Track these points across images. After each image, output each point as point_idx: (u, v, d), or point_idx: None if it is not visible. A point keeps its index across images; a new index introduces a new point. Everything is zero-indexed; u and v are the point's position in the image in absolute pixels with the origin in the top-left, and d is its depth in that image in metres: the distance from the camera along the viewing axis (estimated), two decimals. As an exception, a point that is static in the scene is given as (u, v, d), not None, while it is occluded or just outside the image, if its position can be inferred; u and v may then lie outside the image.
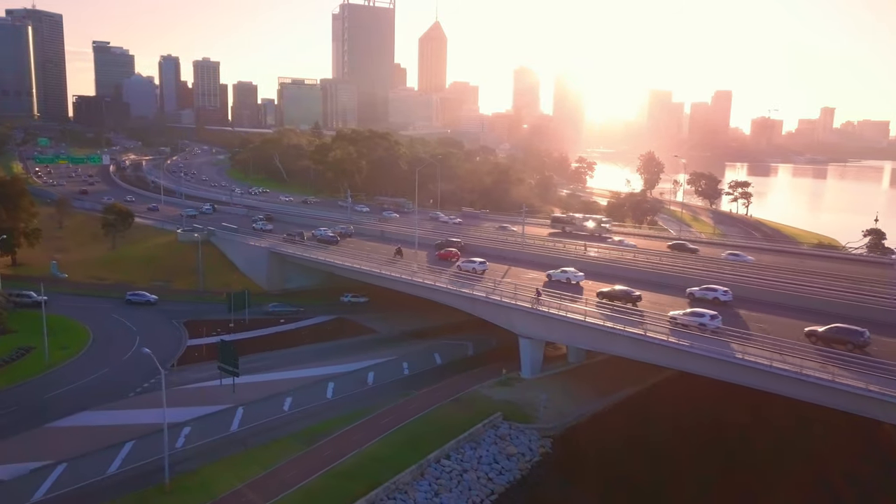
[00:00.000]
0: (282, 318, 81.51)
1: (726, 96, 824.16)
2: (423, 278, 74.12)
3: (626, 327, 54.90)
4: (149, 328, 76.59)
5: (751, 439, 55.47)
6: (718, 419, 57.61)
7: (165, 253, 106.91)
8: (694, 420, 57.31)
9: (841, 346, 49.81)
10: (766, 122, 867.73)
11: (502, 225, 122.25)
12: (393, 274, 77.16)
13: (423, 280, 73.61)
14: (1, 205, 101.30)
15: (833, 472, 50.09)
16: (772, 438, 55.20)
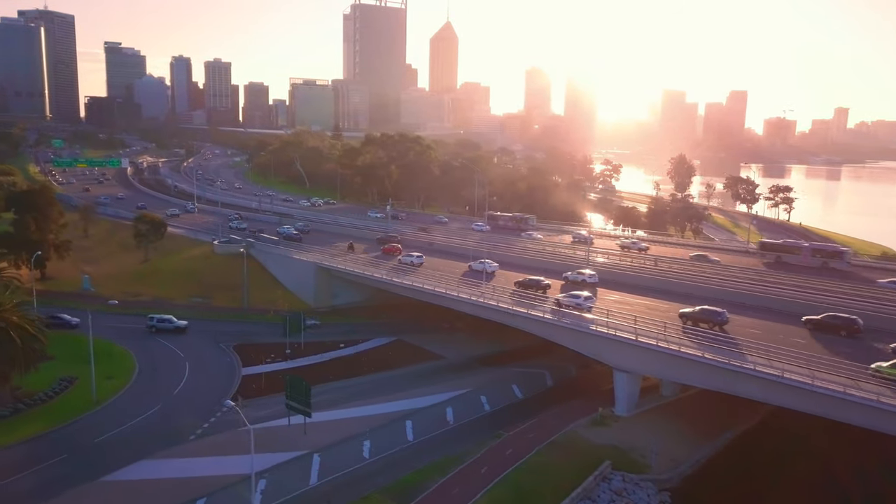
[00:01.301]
0: (341, 342, 75.13)
1: (741, 97, 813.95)
2: (498, 301, 67.56)
3: (758, 367, 48.29)
4: (197, 354, 70.44)
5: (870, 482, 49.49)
6: (829, 459, 51.65)
7: (202, 266, 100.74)
8: (807, 464, 51.40)
9: (705, 325, 58.47)
10: (781, 122, 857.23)
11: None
12: (460, 295, 70.71)
13: (496, 303, 67.15)
14: (30, 215, 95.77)
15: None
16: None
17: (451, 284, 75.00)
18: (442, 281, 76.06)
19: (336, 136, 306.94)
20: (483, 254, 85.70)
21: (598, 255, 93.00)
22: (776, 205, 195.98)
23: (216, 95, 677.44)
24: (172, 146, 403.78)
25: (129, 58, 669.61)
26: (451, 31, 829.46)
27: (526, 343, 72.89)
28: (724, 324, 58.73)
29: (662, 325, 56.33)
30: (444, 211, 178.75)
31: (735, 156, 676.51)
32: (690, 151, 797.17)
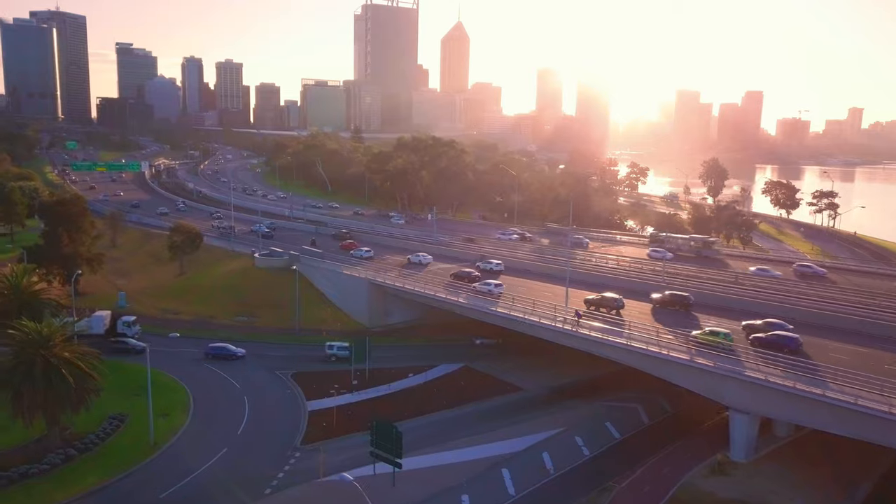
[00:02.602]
0: (409, 370, 68.90)
1: (757, 97, 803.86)
2: (590, 331, 60.82)
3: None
4: (254, 385, 64.40)
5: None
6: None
7: (243, 281, 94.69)
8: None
9: (606, 311, 66.98)
10: (797, 123, 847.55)
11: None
12: (542, 322, 64.31)
13: (588, 333, 60.59)
14: (62, 226, 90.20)
15: None
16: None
17: (526, 306, 68.77)
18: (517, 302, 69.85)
19: (356, 138, 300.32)
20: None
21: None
22: (819, 211, 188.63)
23: (227, 96, 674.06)
24: (187, 148, 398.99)
25: (141, 58, 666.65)
26: (462, 31, 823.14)
27: (606, 371, 66.74)
28: (621, 308, 67.65)
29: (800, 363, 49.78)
30: (476, 217, 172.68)
31: (751, 157, 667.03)
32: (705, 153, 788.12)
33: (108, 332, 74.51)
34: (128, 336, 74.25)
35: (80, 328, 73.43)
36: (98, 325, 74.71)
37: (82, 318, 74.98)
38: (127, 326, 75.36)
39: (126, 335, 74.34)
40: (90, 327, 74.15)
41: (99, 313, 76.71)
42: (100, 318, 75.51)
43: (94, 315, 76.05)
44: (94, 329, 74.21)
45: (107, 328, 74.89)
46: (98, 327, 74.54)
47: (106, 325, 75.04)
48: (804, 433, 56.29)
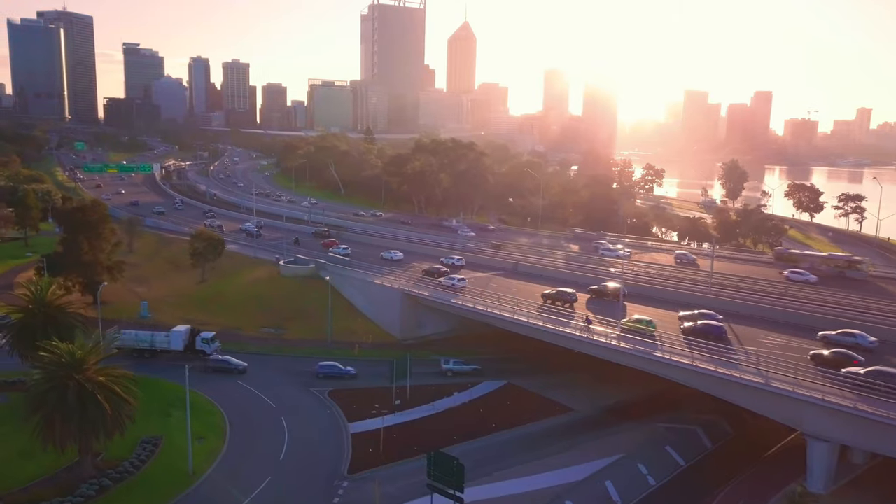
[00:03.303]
0: (452, 388, 65.50)
1: (766, 97, 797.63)
2: (668, 352, 56.27)
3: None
4: (290, 403, 61.04)
5: None
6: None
7: (268, 290, 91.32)
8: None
9: (560, 303, 72.46)
10: (805, 123, 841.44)
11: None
12: (595, 339, 60.63)
13: (650, 352, 56.59)
14: (82, 234, 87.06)
15: None
16: None
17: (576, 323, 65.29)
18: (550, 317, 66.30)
19: (368, 139, 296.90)
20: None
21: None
22: (845, 214, 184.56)
23: (234, 96, 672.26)
24: (196, 149, 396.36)
25: (147, 59, 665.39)
26: (469, 32, 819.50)
27: (655, 388, 63.25)
28: (574, 301, 72.84)
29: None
30: (493, 220, 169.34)
31: (760, 158, 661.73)
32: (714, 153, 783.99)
33: (187, 349, 71.09)
34: (207, 353, 70.78)
35: (160, 344, 71.14)
36: (177, 341, 71.25)
37: (161, 333, 72.31)
38: (206, 343, 71.37)
39: (205, 352, 70.84)
40: (169, 343, 70.98)
41: (178, 328, 72.85)
42: (179, 333, 71.87)
43: (173, 330, 72.45)
44: (174, 345, 71.05)
45: (186, 344, 71.37)
46: (177, 343, 71.14)
47: (185, 340, 71.42)
48: (881, 459, 52.81)
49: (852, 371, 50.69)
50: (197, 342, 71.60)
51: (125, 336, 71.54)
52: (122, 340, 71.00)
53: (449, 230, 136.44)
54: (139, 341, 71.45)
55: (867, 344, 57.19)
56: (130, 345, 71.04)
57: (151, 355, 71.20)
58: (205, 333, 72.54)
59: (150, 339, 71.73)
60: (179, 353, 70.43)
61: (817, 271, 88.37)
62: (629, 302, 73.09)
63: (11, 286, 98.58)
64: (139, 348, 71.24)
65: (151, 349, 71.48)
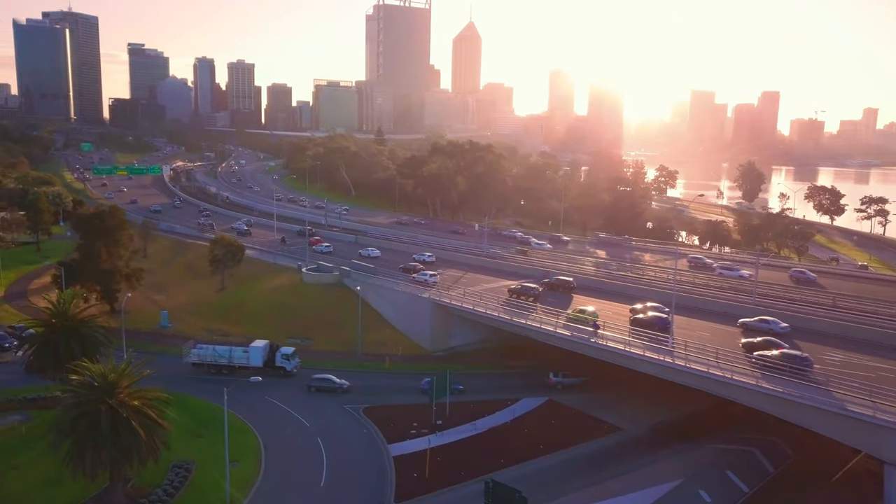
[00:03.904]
0: (490, 405, 62.35)
1: (773, 97, 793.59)
2: (729, 370, 53.03)
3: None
4: (323, 422, 58.06)
5: None
6: None
7: (292, 299, 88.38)
8: None
9: (525, 298, 75.98)
10: (812, 123, 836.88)
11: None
12: (648, 355, 57.28)
13: (707, 370, 53.34)
14: (100, 240, 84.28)
15: None
16: None
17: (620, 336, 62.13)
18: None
19: (378, 140, 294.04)
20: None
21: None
22: (868, 217, 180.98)
23: (239, 97, 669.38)
24: (202, 149, 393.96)
25: (152, 59, 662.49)
26: (474, 32, 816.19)
27: (703, 405, 60.20)
28: (538, 295, 77.27)
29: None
30: (509, 224, 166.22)
31: (767, 158, 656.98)
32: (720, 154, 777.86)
33: (266, 365, 68.14)
34: (287, 369, 67.90)
35: (239, 360, 67.98)
36: (257, 357, 68.29)
37: (239, 348, 69.38)
38: (286, 359, 68.36)
39: (285, 368, 67.94)
40: (248, 359, 68.15)
41: (257, 344, 69.58)
42: (258, 349, 68.72)
43: (251, 345, 69.36)
44: (253, 362, 68.08)
45: (265, 360, 68.34)
46: (257, 360, 68.16)
47: (264, 356, 68.38)
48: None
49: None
50: (277, 358, 68.36)
51: (202, 351, 68.45)
52: (198, 356, 68.13)
53: (509, 240, 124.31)
54: (217, 357, 68.21)
55: (779, 329, 62.94)
56: (208, 361, 68.01)
57: (229, 372, 67.81)
58: (284, 349, 69.34)
59: (229, 354, 68.31)
60: (258, 370, 67.09)
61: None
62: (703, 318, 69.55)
63: (25, 293, 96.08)
64: (217, 364, 67.97)
65: (229, 365, 68.05)
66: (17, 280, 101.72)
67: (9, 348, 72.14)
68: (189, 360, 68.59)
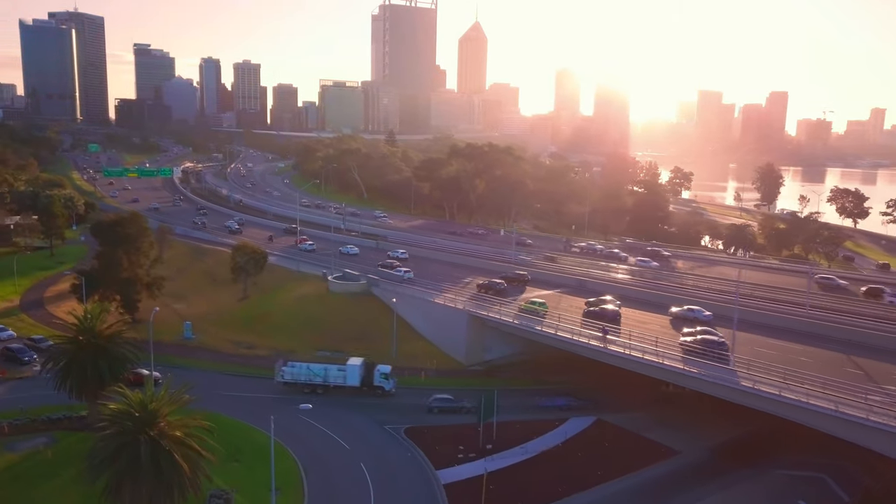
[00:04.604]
0: (538, 426, 59.03)
1: (782, 97, 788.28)
2: (781, 390, 49.61)
3: None
4: (365, 445, 54.84)
5: None
6: None
7: (319, 309, 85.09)
8: None
9: (490, 292, 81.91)
10: (820, 123, 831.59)
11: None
12: (709, 375, 53.90)
13: (780, 393, 49.72)
14: (121, 248, 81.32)
15: None
16: None
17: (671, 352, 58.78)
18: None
19: (390, 141, 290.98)
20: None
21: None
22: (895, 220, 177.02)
23: (245, 97, 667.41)
24: (209, 150, 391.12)
25: (158, 59, 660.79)
26: (479, 32, 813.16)
27: (761, 425, 56.85)
28: (502, 292, 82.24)
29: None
30: (530, 228, 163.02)
31: (776, 159, 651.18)
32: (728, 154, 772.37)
33: (363, 384, 64.91)
34: (385, 389, 64.81)
35: (335, 379, 64.67)
36: (354, 376, 65.01)
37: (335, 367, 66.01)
38: (385, 378, 65.02)
39: (383, 388, 64.87)
40: (345, 378, 64.97)
41: (353, 362, 66.38)
42: (355, 367, 65.42)
43: (348, 364, 65.97)
44: (350, 381, 64.87)
45: (362, 379, 65.12)
46: (354, 379, 64.93)
47: (361, 375, 65.16)
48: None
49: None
50: (375, 377, 64.99)
51: (295, 370, 64.99)
52: (291, 375, 64.81)
53: (588, 254, 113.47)
54: (312, 376, 64.93)
55: (703, 318, 69.29)
56: (302, 380, 64.68)
57: (324, 391, 64.59)
58: (382, 367, 65.72)
59: (324, 373, 65.03)
60: (354, 389, 64.32)
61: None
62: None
63: (42, 301, 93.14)
64: (311, 384, 64.68)
65: (325, 385, 64.76)
66: (32, 287, 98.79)
67: (28, 362, 69.15)
68: (281, 380, 64.96)
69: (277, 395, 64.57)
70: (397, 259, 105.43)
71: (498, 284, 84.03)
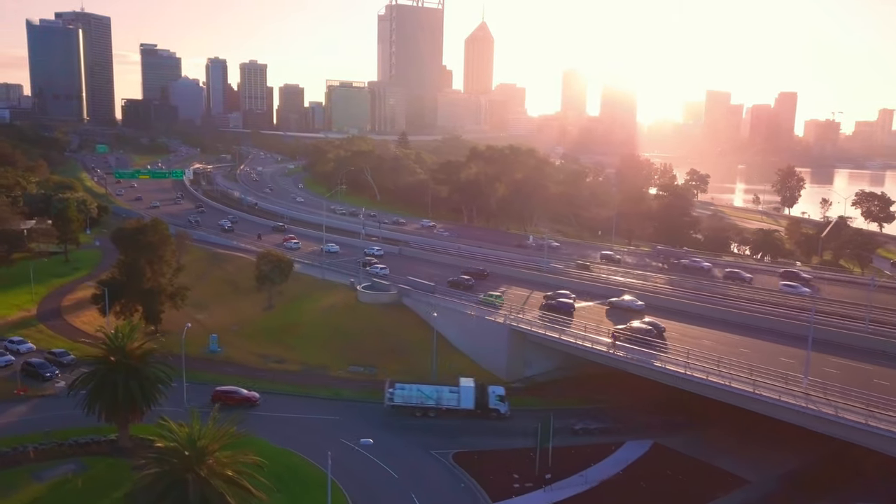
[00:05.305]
0: (592, 450, 55.42)
1: (791, 98, 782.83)
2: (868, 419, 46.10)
3: None
4: (412, 471, 51.37)
5: None
6: None
7: (347, 320, 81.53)
8: None
9: (461, 288, 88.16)
10: (828, 124, 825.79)
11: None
12: (784, 400, 50.02)
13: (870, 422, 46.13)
14: (143, 257, 78.02)
15: None
16: None
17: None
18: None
19: (403, 143, 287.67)
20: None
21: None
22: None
23: (251, 97, 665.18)
24: (217, 151, 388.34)
25: (165, 59, 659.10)
26: (486, 32, 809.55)
27: (831, 449, 53.23)
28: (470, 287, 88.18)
29: None
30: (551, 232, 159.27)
31: (785, 160, 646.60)
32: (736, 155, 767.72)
33: (478, 407, 61.22)
34: (501, 412, 61.13)
35: (448, 402, 60.92)
36: (468, 398, 61.20)
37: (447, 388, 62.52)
38: (500, 401, 61.44)
39: (499, 411, 61.21)
40: (459, 401, 61.21)
41: (466, 383, 62.51)
42: (469, 389, 61.74)
43: (461, 385, 62.09)
44: (464, 404, 61.09)
45: (477, 402, 61.34)
46: (468, 401, 61.13)
47: (476, 397, 61.48)
48: None
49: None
50: (490, 399, 61.32)
51: (406, 392, 61.23)
52: (403, 398, 61.14)
53: (695, 271, 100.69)
54: (424, 398, 61.31)
55: (636, 307, 76.74)
56: (413, 403, 61.28)
57: (436, 414, 61.10)
58: (496, 388, 62.19)
59: (437, 395, 61.41)
60: (468, 412, 60.89)
61: None
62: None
63: (59, 310, 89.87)
64: (423, 407, 61.31)
65: (437, 407, 61.32)
66: (48, 295, 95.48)
67: (50, 378, 65.87)
68: (391, 403, 61.29)
69: (315, 416, 61.16)
70: (374, 256, 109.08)
71: (466, 280, 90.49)
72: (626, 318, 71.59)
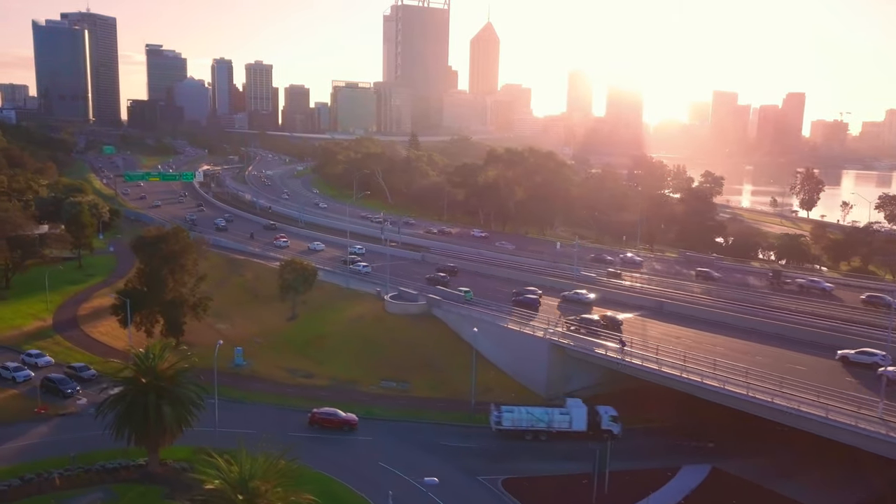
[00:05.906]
0: (647, 476, 52.08)
1: (799, 99, 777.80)
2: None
3: None
4: (458, 500, 48.37)
5: None
6: None
7: (376, 332, 78.42)
8: None
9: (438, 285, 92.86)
10: (836, 125, 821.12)
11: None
12: (860, 426, 46.93)
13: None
14: (166, 266, 75.10)
15: None
16: None
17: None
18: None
19: (414, 144, 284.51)
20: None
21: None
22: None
23: (257, 98, 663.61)
24: (224, 152, 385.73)
25: (170, 60, 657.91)
26: (491, 32, 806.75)
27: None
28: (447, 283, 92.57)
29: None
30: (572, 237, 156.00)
31: (793, 161, 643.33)
32: (744, 156, 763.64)
33: (591, 428, 58.15)
34: (614, 433, 57.85)
35: (559, 424, 57.69)
36: (580, 419, 58.11)
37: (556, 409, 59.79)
38: (613, 422, 58.59)
39: (612, 432, 58.02)
40: (570, 423, 58.04)
41: (576, 403, 59.63)
42: (580, 409, 58.69)
43: (571, 406, 59.24)
44: (576, 426, 57.96)
45: (589, 423, 58.46)
46: (580, 423, 58.02)
47: (589, 418, 58.65)
48: None
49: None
50: (603, 420, 58.37)
51: (515, 415, 58.09)
52: (512, 421, 57.96)
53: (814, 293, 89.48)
54: (535, 421, 58.02)
55: (587, 300, 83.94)
56: (524, 426, 58.03)
57: (547, 438, 58.08)
58: (608, 409, 59.34)
59: (548, 418, 58.22)
60: (580, 434, 57.74)
61: None
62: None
63: (76, 320, 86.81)
64: (534, 430, 58.06)
65: (548, 430, 58.18)
66: (64, 304, 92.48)
67: (71, 395, 62.87)
68: (498, 426, 58.14)
69: (353, 436, 58.05)
70: (356, 255, 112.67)
71: (443, 277, 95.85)
72: (579, 310, 78.19)
